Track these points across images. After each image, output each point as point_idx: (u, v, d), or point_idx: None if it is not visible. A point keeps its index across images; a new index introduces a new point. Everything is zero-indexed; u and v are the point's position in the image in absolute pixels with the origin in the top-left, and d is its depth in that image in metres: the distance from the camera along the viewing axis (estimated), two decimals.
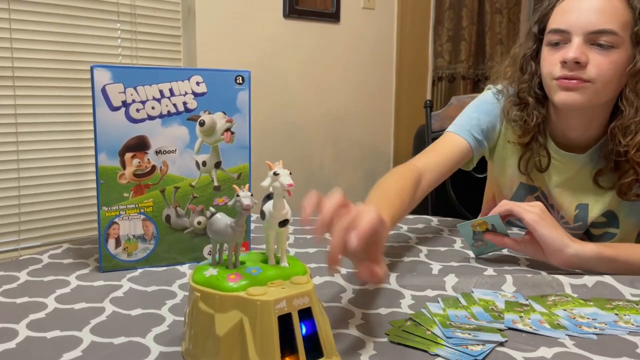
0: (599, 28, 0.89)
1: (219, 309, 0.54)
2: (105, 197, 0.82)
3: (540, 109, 1.02)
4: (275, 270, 0.58)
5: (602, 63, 0.90)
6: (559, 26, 0.93)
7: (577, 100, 0.92)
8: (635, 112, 0.92)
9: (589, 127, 1.00)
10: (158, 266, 0.87)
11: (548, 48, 0.96)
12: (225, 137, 0.87)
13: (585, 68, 0.91)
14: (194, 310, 0.56)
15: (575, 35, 0.91)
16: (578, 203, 1.06)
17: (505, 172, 1.14)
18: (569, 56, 0.90)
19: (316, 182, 2.16)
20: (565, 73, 0.92)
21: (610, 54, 0.90)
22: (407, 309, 0.72)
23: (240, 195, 0.55)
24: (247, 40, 1.89)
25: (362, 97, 2.31)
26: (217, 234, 0.58)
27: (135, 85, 0.81)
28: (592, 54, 0.91)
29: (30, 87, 1.48)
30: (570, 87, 0.92)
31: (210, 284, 0.55)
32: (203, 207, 0.88)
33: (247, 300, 0.52)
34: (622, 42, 0.90)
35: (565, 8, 0.94)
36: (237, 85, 0.86)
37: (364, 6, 2.24)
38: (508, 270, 0.87)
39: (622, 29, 0.90)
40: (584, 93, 0.92)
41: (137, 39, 1.65)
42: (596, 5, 0.90)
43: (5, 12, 1.42)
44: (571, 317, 0.69)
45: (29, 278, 0.81)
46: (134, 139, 0.82)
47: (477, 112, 1.11)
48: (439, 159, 1.04)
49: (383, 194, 0.88)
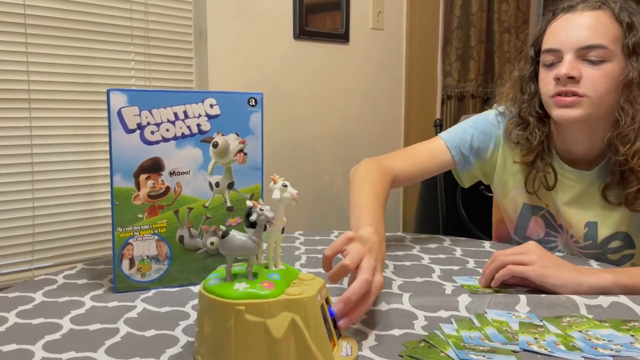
0: (589, 43, 0.92)
1: (269, 315, 0.57)
2: (120, 218, 0.83)
3: (542, 127, 1.04)
4: (283, 273, 0.63)
5: (596, 77, 0.92)
6: (550, 46, 0.97)
7: (574, 115, 0.94)
8: (632, 120, 0.93)
9: (592, 141, 1.01)
10: (171, 287, 0.87)
11: (544, 69, 0.99)
12: (238, 158, 0.88)
13: (579, 83, 0.93)
14: (237, 324, 0.57)
15: (567, 53, 0.94)
16: (587, 221, 1.05)
17: (507, 195, 1.15)
18: (562, 72, 0.93)
19: (326, 200, 2.17)
20: (560, 89, 0.94)
21: (602, 68, 0.92)
22: (420, 330, 0.71)
23: (264, 210, 0.60)
24: (258, 61, 1.91)
25: (372, 116, 2.33)
26: (237, 250, 0.61)
27: (150, 108, 0.82)
28: (585, 68, 0.93)
29: (46, 109, 1.51)
30: (567, 103, 0.94)
31: (252, 295, 0.58)
32: (216, 227, 0.88)
33: (294, 300, 0.58)
34: (613, 55, 0.92)
35: (556, 28, 0.97)
36: (249, 107, 0.88)
37: (373, 27, 2.27)
38: (521, 290, 0.87)
39: (612, 42, 0.92)
40: (581, 107, 0.94)
41: (150, 61, 1.68)
42: (585, 23, 0.93)
43: (22, 36, 1.45)
44: (587, 339, 0.68)
45: (44, 299, 0.82)
46: (148, 161, 0.83)
47: (473, 129, 1.13)
48: (416, 167, 1.09)
49: (378, 203, 0.95)
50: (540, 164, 1.05)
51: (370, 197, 0.97)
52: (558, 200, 1.08)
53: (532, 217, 1.13)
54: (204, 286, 0.62)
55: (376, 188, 1.00)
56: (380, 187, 1.01)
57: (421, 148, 1.13)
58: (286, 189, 0.64)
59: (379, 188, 1.01)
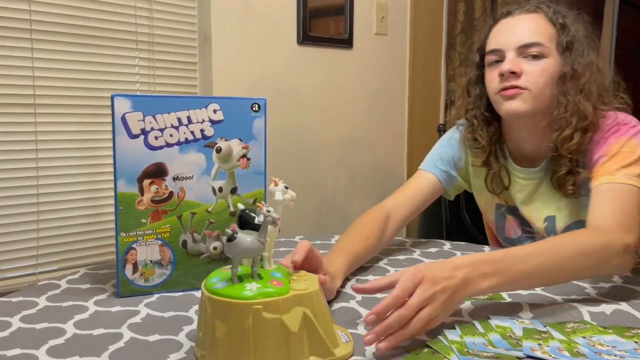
0: (528, 41, 1.00)
1: (284, 311, 0.60)
2: (124, 223, 0.83)
3: (488, 128, 1.11)
4: (280, 271, 0.66)
5: (535, 71, 1.00)
6: (494, 47, 1.04)
7: (519, 107, 1.01)
8: (565, 110, 1.00)
9: (537, 136, 1.06)
10: (174, 291, 0.87)
11: (489, 69, 1.06)
12: (241, 163, 0.88)
13: (520, 77, 1.00)
14: (255, 323, 0.59)
15: (508, 51, 1.01)
16: (545, 216, 1.10)
17: (482, 197, 1.21)
18: (505, 68, 1.00)
19: (330, 206, 2.17)
20: (504, 84, 1.01)
21: (540, 63, 1.00)
22: (424, 335, 0.71)
23: (270, 211, 0.62)
24: (262, 66, 1.92)
25: (375, 121, 2.33)
26: (246, 251, 0.62)
27: (154, 113, 0.83)
28: (525, 64, 1.00)
29: (51, 114, 1.51)
30: (511, 95, 1.01)
31: (267, 294, 0.60)
32: (219, 232, 0.89)
33: (304, 295, 0.62)
34: (549, 52, 1.01)
35: (497, 31, 1.05)
36: (253, 112, 0.88)
37: (376, 32, 2.27)
38: (523, 295, 0.86)
39: (547, 40, 1.01)
40: (523, 100, 1.00)
41: (154, 67, 1.69)
42: (523, 24, 1.03)
43: (28, 42, 1.46)
44: (591, 345, 0.68)
45: (47, 303, 0.82)
46: (152, 166, 0.83)
47: (440, 147, 1.20)
48: (408, 196, 1.13)
49: (345, 239, 0.98)
50: (495, 165, 1.12)
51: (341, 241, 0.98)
52: (516, 200, 1.14)
53: (507, 217, 1.18)
54: (210, 290, 0.62)
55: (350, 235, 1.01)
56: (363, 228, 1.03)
57: (408, 182, 1.18)
58: (287, 190, 0.68)
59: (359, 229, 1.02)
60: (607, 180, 0.93)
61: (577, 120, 0.98)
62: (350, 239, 0.98)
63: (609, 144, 0.97)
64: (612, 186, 0.92)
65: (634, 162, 0.94)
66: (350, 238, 0.98)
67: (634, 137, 0.97)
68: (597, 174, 0.96)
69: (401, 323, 0.65)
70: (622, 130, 0.98)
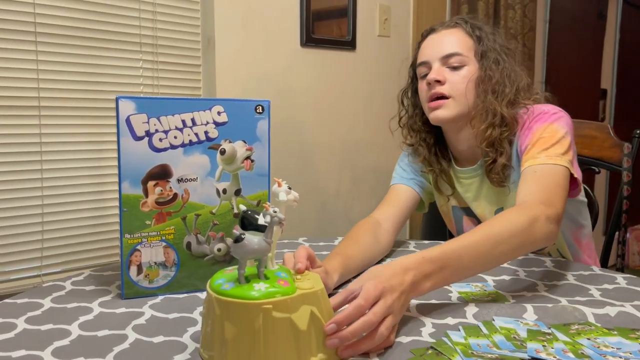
0: (449, 52, 1.11)
1: (292, 310, 0.62)
2: (128, 224, 0.83)
3: (425, 136, 1.21)
4: (284, 271, 0.67)
5: (457, 79, 1.11)
6: (421, 59, 1.16)
7: (444, 115, 1.11)
8: (480, 109, 1.10)
9: (468, 137, 1.14)
10: (179, 293, 0.87)
11: (420, 81, 1.17)
12: (245, 165, 0.88)
13: (444, 85, 1.11)
14: (265, 323, 0.60)
15: (434, 62, 1.13)
16: (495, 209, 1.17)
17: (440, 203, 1.29)
18: (431, 77, 1.11)
19: (332, 207, 2.17)
20: (431, 92, 1.12)
21: (460, 71, 1.11)
22: (428, 337, 0.71)
23: (276, 212, 0.63)
24: (265, 69, 1.92)
25: (378, 122, 2.33)
26: (253, 252, 0.62)
27: (158, 115, 0.83)
28: (448, 74, 1.11)
29: (55, 116, 1.52)
30: (436, 106, 1.12)
31: (275, 294, 0.61)
32: (223, 234, 0.89)
33: (310, 294, 0.63)
34: (469, 60, 1.11)
35: (424, 46, 1.18)
36: (257, 114, 0.88)
37: (379, 34, 2.27)
38: (527, 297, 0.86)
39: (466, 50, 1.12)
40: (447, 107, 1.11)
41: (158, 69, 1.70)
42: (445, 38, 1.14)
43: (33, 44, 1.47)
44: (595, 346, 0.68)
45: (52, 305, 0.82)
46: (156, 168, 0.84)
47: (400, 164, 1.29)
48: (392, 205, 1.20)
49: (339, 245, 1.02)
50: (437, 168, 1.21)
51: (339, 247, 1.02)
52: (467, 200, 1.21)
53: (464, 217, 1.25)
54: (218, 292, 0.62)
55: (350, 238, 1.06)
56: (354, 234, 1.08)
57: (387, 196, 1.24)
58: (290, 191, 0.69)
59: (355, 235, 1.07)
60: (531, 164, 1.01)
61: (490, 116, 1.08)
62: (342, 244, 1.03)
63: (532, 133, 1.06)
64: (535, 167, 1.00)
65: (555, 143, 1.02)
66: (342, 244, 1.03)
67: (554, 122, 1.05)
68: (523, 160, 1.04)
69: (367, 330, 0.66)
70: (543, 118, 1.07)
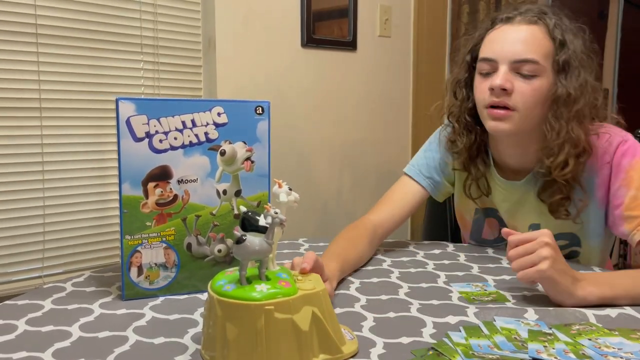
0: (523, 57, 0.96)
1: (294, 310, 0.62)
2: (128, 226, 0.83)
3: (469, 134, 1.08)
4: (284, 271, 0.67)
5: (526, 91, 0.96)
6: (487, 55, 1.00)
7: (506, 128, 0.98)
8: (557, 135, 0.96)
9: (523, 153, 1.05)
10: (179, 294, 0.87)
11: (479, 77, 1.02)
12: (246, 166, 0.88)
13: (511, 95, 0.96)
14: (267, 324, 0.60)
15: (502, 64, 0.97)
16: (531, 223, 1.10)
17: (462, 199, 1.18)
18: (496, 83, 0.96)
19: (334, 208, 2.17)
20: (494, 100, 0.98)
21: (532, 82, 0.96)
22: (428, 338, 0.71)
23: (278, 213, 0.63)
24: (266, 69, 1.92)
25: (379, 123, 2.33)
26: (255, 253, 0.62)
27: (158, 116, 0.83)
28: (517, 82, 0.96)
29: (56, 117, 1.52)
30: (499, 117, 0.98)
31: (277, 295, 0.61)
32: (224, 235, 0.89)
33: (312, 295, 0.64)
34: (544, 70, 0.96)
35: (493, 38, 1.00)
36: (257, 115, 0.88)
37: (380, 34, 2.27)
38: (528, 297, 0.86)
39: (543, 58, 0.96)
40: (511, 121, 0.97)
41: (159, 70, 1.70)
42: (520, 36, 0.97)
43: (34, 46, 1.47)
44: (596, 347, 0.67)
45: (53, 306, 0.82)
46: (156, 169, 0.84)
47: (425, 151, 1.18)
48: (393, 207, 1.12)
49: (336, 246, 0.99)
50: (474, 171, 1.10)
51: None
52: (499, 207, 1.13)
53: (486, 220, 1.17)
54: (219, 293, 0.62)
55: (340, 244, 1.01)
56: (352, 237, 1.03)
57: (392, 190, 1.16)
58: (291, 192, 0.69)
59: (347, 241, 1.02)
60: None
61: (570, 146, 0.96)
62: (341, 246, 0.99)
63: (625, 172, 0.97)
64: None
65: None
66: (341, 245, 0.99)
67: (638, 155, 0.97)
68: (632, 206, 0.96)
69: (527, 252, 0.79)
70: (629, 152, 0.97)
